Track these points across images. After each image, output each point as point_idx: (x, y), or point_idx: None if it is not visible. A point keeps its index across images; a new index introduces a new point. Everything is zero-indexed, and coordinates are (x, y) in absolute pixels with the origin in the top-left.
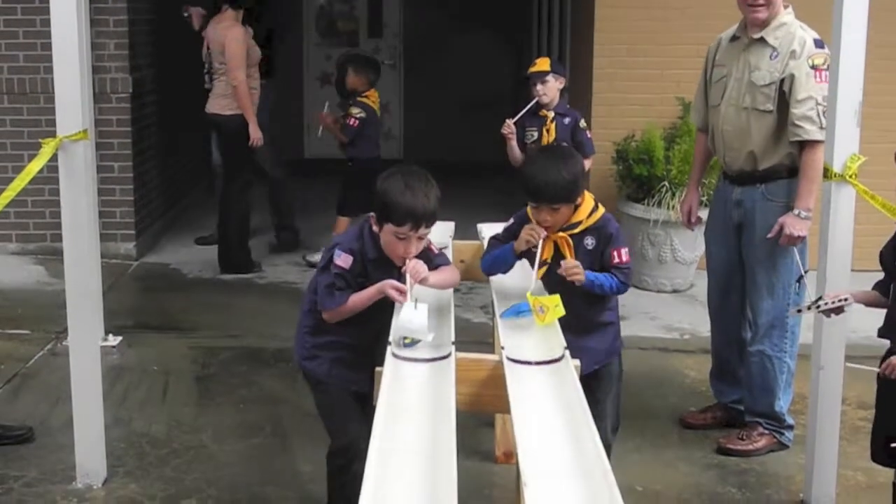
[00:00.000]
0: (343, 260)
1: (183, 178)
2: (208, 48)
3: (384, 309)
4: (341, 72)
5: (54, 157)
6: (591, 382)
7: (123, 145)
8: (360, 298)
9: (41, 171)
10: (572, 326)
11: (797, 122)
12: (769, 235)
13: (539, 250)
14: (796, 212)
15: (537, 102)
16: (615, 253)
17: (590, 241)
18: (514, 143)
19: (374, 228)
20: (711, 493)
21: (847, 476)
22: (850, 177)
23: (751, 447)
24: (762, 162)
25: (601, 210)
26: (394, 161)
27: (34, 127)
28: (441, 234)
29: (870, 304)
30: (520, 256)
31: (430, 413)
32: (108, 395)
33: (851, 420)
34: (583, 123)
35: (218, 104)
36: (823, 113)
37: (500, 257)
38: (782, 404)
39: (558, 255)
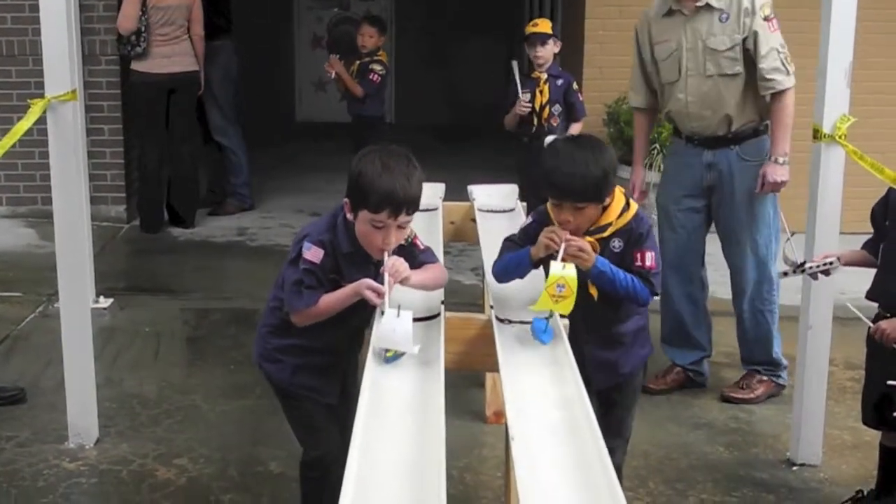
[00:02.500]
0: (313, 254)
1: None
2: (144, 11)
3: (360, 311)
4: (345, 30)
5: (44, 120)
6: (613, 395)
7: (113, 108)
8: (333, 300)
9: (31, 133)
10: (592, 339)
11: (768, 76)
12: (757, 191)
13: (561, 253)
14: (773, 158)
15: (530, 64)
16: (638, 255)
17: (617, 244)
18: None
19: (348, 216)
20: (699, 453)
21: (833, 435)
22: (840, 137)
23: (752, 395)
24: (736, 123)
25: (633, 208)
26: (386, 124)
27: (23, 89)
28: (431, 195)
29: (858, 264)
30: (537, 264)
31: (419, 372)
32: (99, 356)
33: (839, 380)
34: (575, 86)
35: (185, 62)
36: (786, 58)
37: (514, 263)
38: (777, 350)
39: None
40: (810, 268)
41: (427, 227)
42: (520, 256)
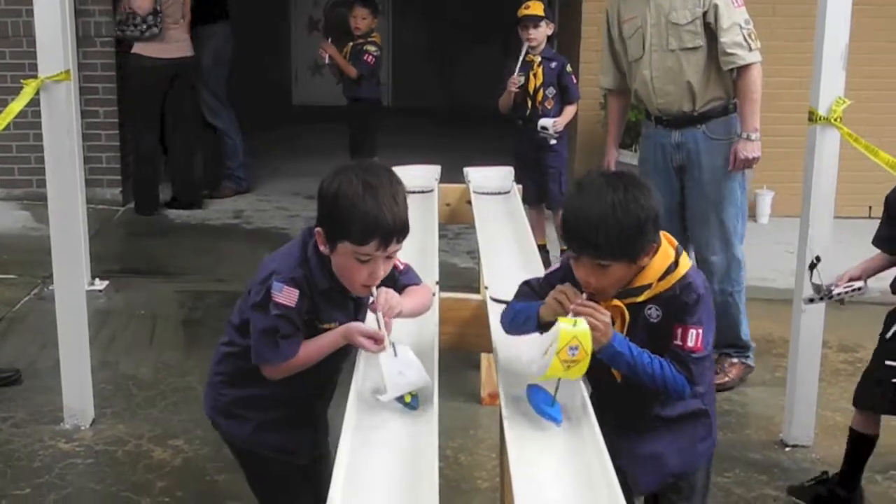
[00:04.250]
0: (286, 296)
1: None
2: None
3: (340, 354)
4: (340, 13)
5: (39, 102)
6: (668, 497)
7: (108, 90)
8: (315, 350)
9: (25, 115)
10: (625, 425)
11: (729, 51)
12: (730, 169)
13: None
14: (745, 135)
15: (523, 46)
16: (679, 331)
17: (654, 313)
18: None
19: (321, 248)
20: None
21: (826, 417)
22: (835, 120)
23: (726, 379)
24: (700, 99)
25: (682, 268)
26: (382, 107)
27: (17, 71)
28: (427, 177)
29: (879, 271)
30: (545, 326)
31: (413, 352)
32: (95, 338)
33: (832, 363)
34: (569, 68)
35: (187, 47)
36: (750, 35)
37: (522, 318)
38: (745, 331)
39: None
40: (838, 294)
41: (422, 210)
42: (529, 312)
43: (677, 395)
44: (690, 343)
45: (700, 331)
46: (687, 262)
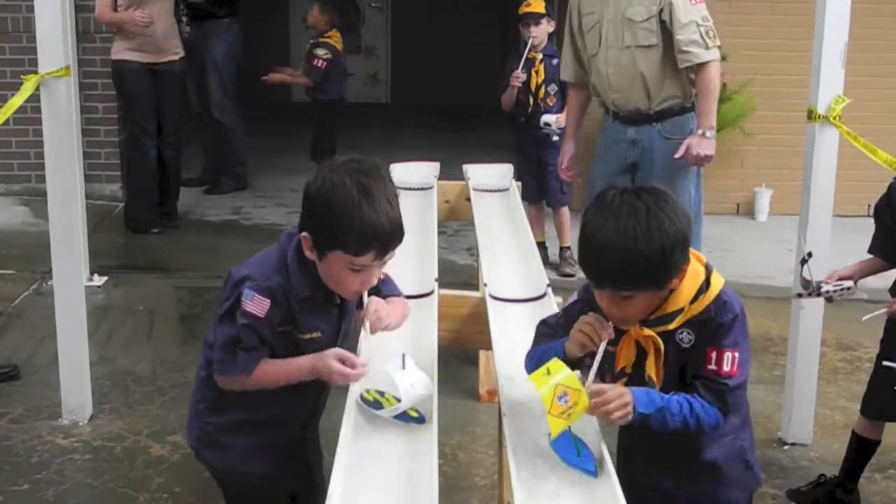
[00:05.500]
0: (255, 305)
1: None
2: None
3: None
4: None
5: (38, 98)
6: None
7: (107, 86)
8: (276, 372)
9: (25, 111)
10: (655, 465)
11: (685, 48)
12: (676, 155)
13: (598, 358)
14: (700, 131)
15: (526, 43)
16: (713, 354)
17: (686, 338)
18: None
19: (307, 254)
20: None
21: (825, 415)
22: (834, 118)
23: None
24: (655, 97)
25: (715, 288)
26: (382, 105)
27: (16, 66)
28: (426, 174)
29: (870, 274)
30: (574, 364)
31: (411, 350)
32: (93, 333)
33: (830, 361)
34: None
35: None
36: (707, 32)
37: (546, 359)
38: None
39: (643, 361)
40: (826, 292)
41: (421, 206)
42: (553, 353)
43: (711, 429)
44: (727, 367)
45: (736, 353)
46: (719, 280)
